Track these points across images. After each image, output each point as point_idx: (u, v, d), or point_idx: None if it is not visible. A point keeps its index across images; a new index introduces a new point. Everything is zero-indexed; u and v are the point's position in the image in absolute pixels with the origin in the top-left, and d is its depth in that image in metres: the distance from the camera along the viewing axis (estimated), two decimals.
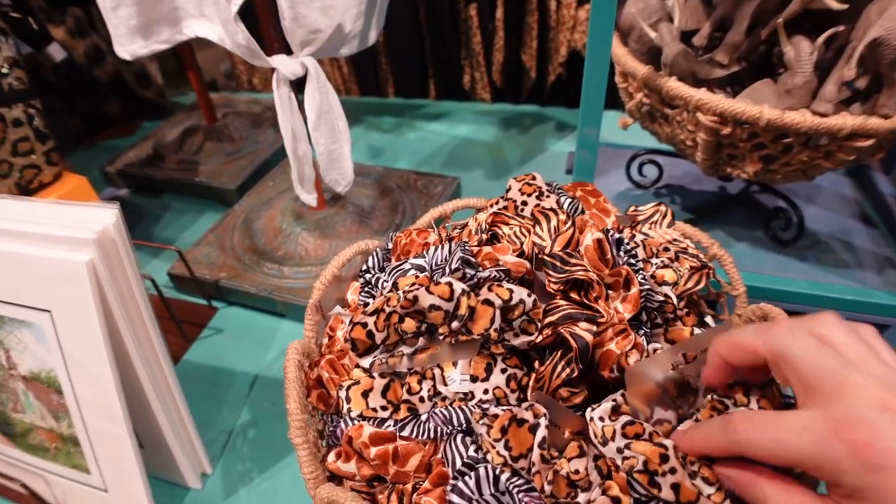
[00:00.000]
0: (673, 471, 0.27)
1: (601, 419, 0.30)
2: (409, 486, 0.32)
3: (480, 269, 0.35)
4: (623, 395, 0.31)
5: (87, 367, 0.43)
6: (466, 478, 0.29)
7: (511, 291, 0.33)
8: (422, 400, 0.34)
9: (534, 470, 0.29)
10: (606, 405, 0.30)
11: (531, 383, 0.34)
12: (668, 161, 0.72)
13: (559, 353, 0.33)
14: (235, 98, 1.14)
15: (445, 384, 0.34)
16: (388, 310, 0.34)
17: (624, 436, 0.29)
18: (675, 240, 0.43)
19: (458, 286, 0.32)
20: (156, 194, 0.97)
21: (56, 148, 0.69)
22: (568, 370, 0.32)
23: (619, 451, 0.28)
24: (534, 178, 0.45)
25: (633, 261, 0.37)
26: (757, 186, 0.71)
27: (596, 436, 0.29)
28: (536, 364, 0.35)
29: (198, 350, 0.67)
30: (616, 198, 0.73)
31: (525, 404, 0.31)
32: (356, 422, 0.34)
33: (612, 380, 0.32)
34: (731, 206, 0.70)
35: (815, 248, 0.63)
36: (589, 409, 0.31)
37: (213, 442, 0.56)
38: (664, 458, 0.27)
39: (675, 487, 0.27)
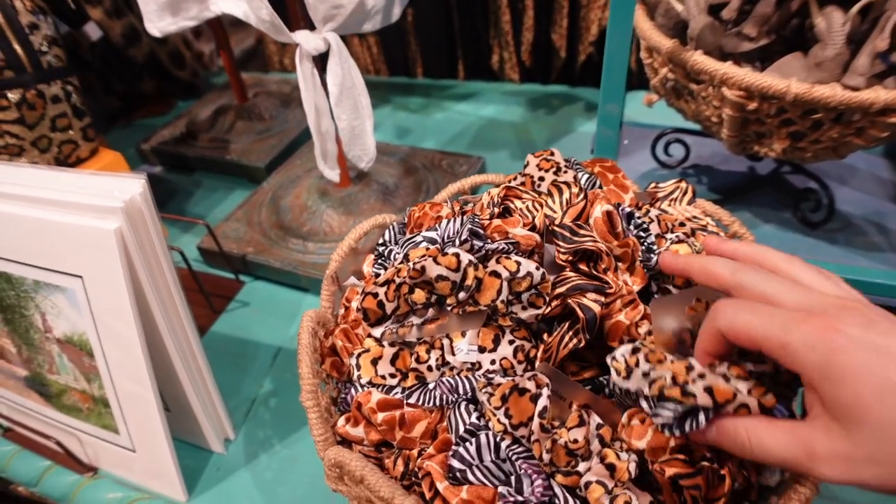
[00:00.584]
0: (702, 376, 0.27)
1: (622, 356, 0.29)
2: (414, 452, 0.33)
3: (489, 241, 0.35)
4: (641, 343, 0.30)
5: (116, 330, 0.45)
6: (467, 444, 0.30)
7: (519, 264, 0.33)
8: (430, 369, 0.35)
9: (533, 438, 0.29)
10: (626, 347, 0.30)
11: (539, 355, 0.34)
12: (695, 140, 0.70)
13: (567, 325, 0.33)
14: (266, 78, 1.16)
15: (454, 354, 0.34)
16: (398, 280, 0.34)
17: (647, 361, 0.28)
18: (694, 217, 0.42)
19: (465, 257, 0.33)
20: (188, 171, 1.00)
21: (92, 124, 0.71)
22: (575, 340, 0.32)
23: (645, 374, 0.28)
24: (552, 154, 0.45)
25: (643, 234, 0.36)
26: (787, 167, 0.68)
27: (619, 372, 0.29)
28: (545, 336, 0.35)
29: (225, 322, 0.70)
30: (641, 178, 0.72)
31: (528, 374, 0.31)
32: (366, 388, 0.35)
33: None
34: (760, 187, 0.68)
35: (845, 231, 0.61)
36: (609, 355, 0.30)
37: (236, 409, 0.58)
38: (690, 369, 0.27)
39: (709, 390, 0.26)
